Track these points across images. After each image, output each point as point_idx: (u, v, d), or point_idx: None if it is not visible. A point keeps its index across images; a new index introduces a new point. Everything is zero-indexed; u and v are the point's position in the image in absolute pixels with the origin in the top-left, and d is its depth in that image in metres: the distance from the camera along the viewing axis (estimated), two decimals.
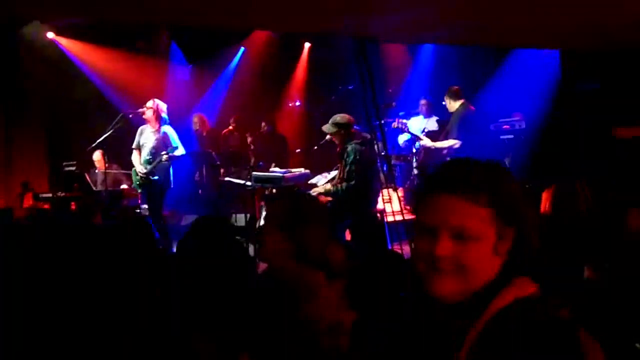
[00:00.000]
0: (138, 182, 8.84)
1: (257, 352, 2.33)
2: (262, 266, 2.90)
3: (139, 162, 8.78)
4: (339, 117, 7.31)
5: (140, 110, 9.02)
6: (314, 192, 7.77)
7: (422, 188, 1.68)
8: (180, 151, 8.78)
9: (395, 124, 9.70)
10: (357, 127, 7.45)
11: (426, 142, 8.95)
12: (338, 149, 7.32)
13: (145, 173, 8.72)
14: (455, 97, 8.80)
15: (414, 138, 9.42)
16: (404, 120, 9.81)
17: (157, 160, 8.64)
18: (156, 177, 8.69)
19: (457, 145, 8.56)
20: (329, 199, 7.42)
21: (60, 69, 10.77)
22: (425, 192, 1.66)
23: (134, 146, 8.84)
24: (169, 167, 8.81)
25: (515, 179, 1.69)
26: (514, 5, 7.46)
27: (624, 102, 9.80)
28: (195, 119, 11.52)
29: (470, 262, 1.59)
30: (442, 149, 8.71)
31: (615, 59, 10.07)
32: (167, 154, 8.60)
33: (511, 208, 1.61)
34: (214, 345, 2.39)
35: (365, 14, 7.60)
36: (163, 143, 8.75)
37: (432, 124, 10.34)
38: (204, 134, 11.45)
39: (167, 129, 8.84)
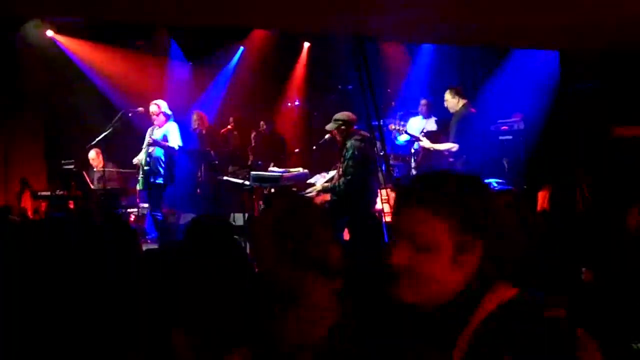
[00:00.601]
0: (141, 178, 8.91)
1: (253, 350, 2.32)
2: None
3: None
4: (339, 114, 7.42)
5: (140, 109, 9.07)
6: (312, 190, 7.79)
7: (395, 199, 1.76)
8: (173, 145, 8.83)
9: (392, 127, 9.70)
10: (356, 127, 7.47)
11: (425, 143, 8.93)
12: (339, 146, 7.36)
13: (139, 160, 8.85)
14: (457, 96, 8.71)
15: (413, 139, 9.41)
16: (403, 122, 9.80)
17: (146, 149, 8.79)
18: (147, 168, 8.76)
19: (454, 149, 8.52)
20: (327, 198, 7.43)
21: (59, 67, 10.75)
22: (395, 203, 1.73)
23: (143, 146, 8.92)
24: (169, 161, 8.86)
25: (487, 192, 1.73)
26: (512, 6, 7.47)
27: (623, 101, 9.81)
28: (195, 117, 11.51)
29: (424, 271, 1.63)
30: (440, 150, 8.70)
31: (614, 59, 10.08)
32: (152, 139, 8.71)
33: (474, 220, 1.63)
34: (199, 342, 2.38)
35: (364, 12, 7.61)
36: (164, 138, 8.85)
37: (431, 124, 10.33)
38: (203, 132, 11.45)
39: (171, 125, 8.92)
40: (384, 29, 8.63)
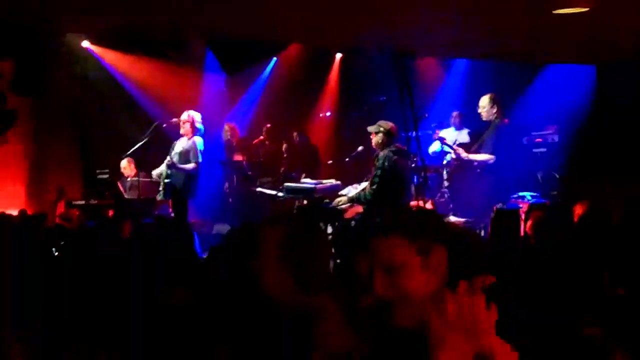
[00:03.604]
0: (162, 189, 8.99)
1: None
2: None
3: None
4: (385, 122, 7.57)
5: (174, 120, 9.14)
6: (339, 200, 7.79)
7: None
8: (192, 166, 8.88)
9: (436, 136, 9.61)
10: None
11: (461, 152, 8.77)
12: (374, 153, 7.45)
13: (159, 173, 8.99)
14: (495, 104, 8.55)
15: (443, 151, 9.35)
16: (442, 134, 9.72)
17: (167, 163, 8.91)
18: (167, 180, 8.82)
19: (492, 160, 8.40)
20: (359, 210, 7.43)
21: (95, 77, 10.87)
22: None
23: (168, 157, 8.99)
24: (191, 176, 8.93)
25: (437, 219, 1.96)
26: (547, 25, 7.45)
27: None
28: (226, 128, 11.57)
29: (406, 288, 1.77)
30: (473, 161, 8.59)
31: None
32: (170, 160, 8.77)
33: (426, 231, 1.83)
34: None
35: (407, 31, 7.67)
36: (189, 152, 8.92)
37: (463, 136, 10.26)
38: (234, 143, 11.50)
39: (197, 139, 8.98)
40: (423, 47, 8.71)
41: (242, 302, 2.43)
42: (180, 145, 9.08)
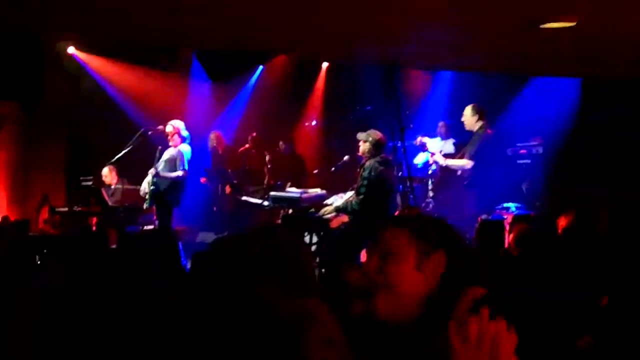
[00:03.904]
0: (147, 197, 8.98)
1: None
2: None
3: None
4: (375, 132, 7.58)
5: (160, 127, 9.13)
6: (326, 210, 7.81)
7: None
8: (178, 174, 8.88)
9: (418, 141, 9.57)
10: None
11: (438, 157, 8.80)
12: (362, 161, 7.47)
13: (148, 182, 8.94)
14: (478, 115, 8.60)
15: (426, 151, 9.30)
16: (425, 140, 9.68)
17: (150, 175, 8.91)
18: (152, 188, 8.80)
19: (469, 166, 8.43)
20: (345, 219, 7.45)
21: (80, 84, 10.83)
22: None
23: (152, 167, 8.97)
24: (180, 185, 8.93)
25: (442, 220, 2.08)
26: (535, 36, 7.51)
27: None
28: (212, 136, 11.55)
29: (394, 278, 1.87)
30: (456, 171, 8.61)
31: (636, 88, 10.05)
32: (155, 170, 8.77)
33: (432, 234, 1.92)
34: None
35: (395, 43, 7.71)
36: (175, 160, 8.91)
37: (448, 146, 10.28)
38: (220, 152, 11.47)
39: (184, 147, 8.97)
40: (410, 58, 8.77)
41: (231, 306, 2.41)
42: (167, 153, 9.08)
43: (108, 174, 10.21)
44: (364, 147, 7.46)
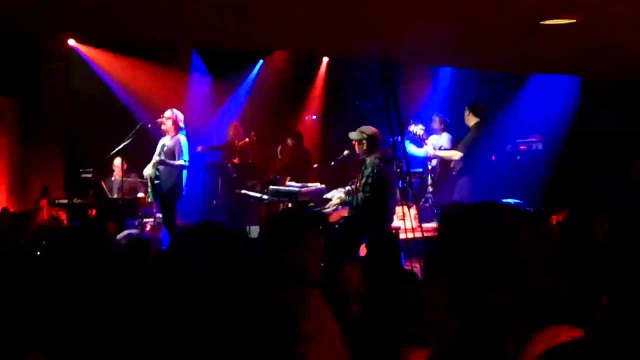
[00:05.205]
0: (150, 191, 8.95)
1: None
2: None
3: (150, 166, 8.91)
4: (367, 128, 7.41)
5: (159, 120, 9.09)
6: (330, 205, 7.80)
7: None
8: (181, 163, 8.86)
9: (412, 127, 9.50)
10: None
11: (429, 148, 9.08)
12: (359, 158, 7.40)
13: (149, 175, 8.85)
14: (472, 114, 8.84)
15: (418, 139, 9.35)
16: (423, 127, 9.61)
17: (155, 161, 8.83)
18: (157, 182, 8.78)
19: (456, 157, 8.72)
20: (344, 214, 7.45)
21: (80, 76, 10.82)
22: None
23: (154, 157, 8.94)
24: (180, 175, 8.89)
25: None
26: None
27: None
28: (231, 127, 11.48)
29: None
30: (452, 170, 8.82)
31: (636, 88, 10.06)
32: (159, 158, 8.74)
33: None
34: None
35: (393, 38, 7.70)
36: (174, 150, 8.88)
37: (443, 140, 10.27)
38: (236, 143, 11.38)
39: (182, 138, 8.95)
40: (410, 55, 8.77)
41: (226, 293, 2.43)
42: (163, 142, 9.02)
43: (120, 165, 10.25)
44: (360, 146, 7.32)
